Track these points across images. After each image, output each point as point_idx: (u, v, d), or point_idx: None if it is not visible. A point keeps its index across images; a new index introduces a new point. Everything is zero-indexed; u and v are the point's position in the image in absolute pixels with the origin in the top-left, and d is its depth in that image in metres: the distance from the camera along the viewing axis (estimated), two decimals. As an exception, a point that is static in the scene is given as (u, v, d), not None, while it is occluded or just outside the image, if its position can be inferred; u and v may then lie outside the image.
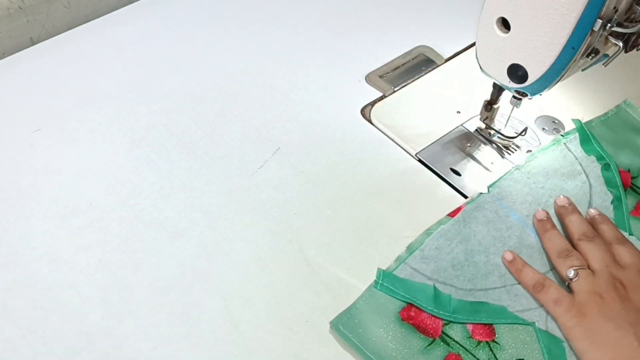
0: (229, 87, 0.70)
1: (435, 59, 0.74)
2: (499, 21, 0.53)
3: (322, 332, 0.51)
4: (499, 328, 0.51)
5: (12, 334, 0.50)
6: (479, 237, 0.56)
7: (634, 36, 0.50)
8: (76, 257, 0.55)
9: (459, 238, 0.56)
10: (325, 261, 0.56)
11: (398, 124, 0.67)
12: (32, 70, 0.71)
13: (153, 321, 0.52)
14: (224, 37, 0.76)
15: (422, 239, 0.56)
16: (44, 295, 0.53)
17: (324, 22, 0.79)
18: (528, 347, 0.50)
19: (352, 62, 0.73)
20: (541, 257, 0.55)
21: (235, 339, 0.51)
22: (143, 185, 0.61)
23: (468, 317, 0.52)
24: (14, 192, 0.60)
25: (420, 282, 0.53)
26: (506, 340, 0.51)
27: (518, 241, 0.56)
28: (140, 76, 0.71)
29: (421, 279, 0.53)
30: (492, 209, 0.58)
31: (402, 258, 0.54)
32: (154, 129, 0.66)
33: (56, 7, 0.76)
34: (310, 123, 0.67)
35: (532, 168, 0.61)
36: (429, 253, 0.55)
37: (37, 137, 0.65)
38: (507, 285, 0.54)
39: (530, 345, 0.50)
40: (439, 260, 0.55)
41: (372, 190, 0.61)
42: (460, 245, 0.55)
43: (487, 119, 0.65)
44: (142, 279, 0.54)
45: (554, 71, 0.52)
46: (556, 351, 0.50)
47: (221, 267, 0.55)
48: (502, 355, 0.50)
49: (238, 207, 0.59)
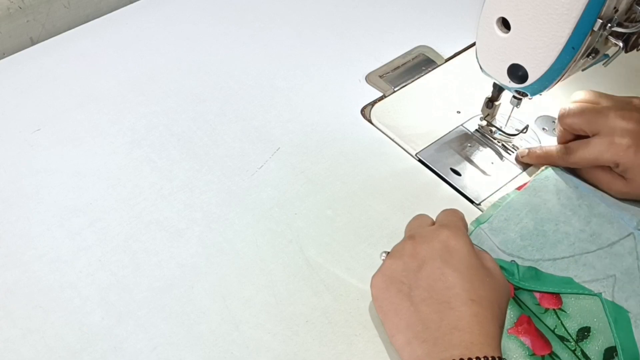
0: (229, 87, 0.70)
1: (435, 59, 0.74)
2: (499, 21, 0.53)
3: (322, 332, 0.51)
4: (566, 297, 0.52)
5: (12, 334, 0.50)
6: (549, 206, 0.56)
7: (634, 36, 0.50)
8: (76, 257, 0.55)
9: (528, 207, 0.57)
10: (325, 261, 0.56)
11: (398, 124, 0.67)
12: (32, 70, 0.71)
13: (153, 321, 0.52)
14: (224, 37, 0.76)
15: (489, 211, 0.57)
16: (44, 295, 0.53)
17: (324, 22, 0.79)
18: (594, 317, 0.51)
19: (352, 62, 0.74)
20: (611, 227, 0.55)
21: (235, 339, 0.51)
22: (143, 185, 0.61)
23: (535, 286, 0.53)
24: (14, 192, 0.60)
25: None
26: (573, 309, 0.52)
27: (588, 210, 0.56)
28: (140, 76, 0.71)
29: (490, 245, 0.54)
30: (563, 179, 0.58)
31: (469, 230, 0.55)
32: (154, 129, 0.66)
33: (56, 7, 0.76)
34: (310, 123, 0.67)
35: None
36: (497, 225, 0.56)
37: (37, 137, 0.65)
38: (576, 255, 0.54)
39: (597, 314, 0.51)
40: (507, 231, 0.55)
41: (372, 190, 0.61)
42: (530, 215, 0.56)
43: (488, 115, 0.65)
44: (142, 279, 0.54)
45: (554, 71, 0.52)
46: (622, 321, 0.50)
47: (221, 267, 0.55)
48: (568, 323, 0.51)
49: (238, 207, 0.59)
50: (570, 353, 0.50)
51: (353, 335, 0.51)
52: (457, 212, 0.54)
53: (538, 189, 0.58)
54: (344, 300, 0.53)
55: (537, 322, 0.51)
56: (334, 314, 0.52)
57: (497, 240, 0.55)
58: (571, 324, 0.51)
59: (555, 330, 0.51)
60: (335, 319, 0.52)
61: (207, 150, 0.64)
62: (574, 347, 0.50)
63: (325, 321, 0.52)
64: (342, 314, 0.52)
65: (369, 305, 0.53)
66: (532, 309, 0.52)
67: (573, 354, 0.50)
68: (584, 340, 0.50)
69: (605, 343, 0.50)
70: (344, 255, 0.56)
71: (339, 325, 0.52)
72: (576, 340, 0.50)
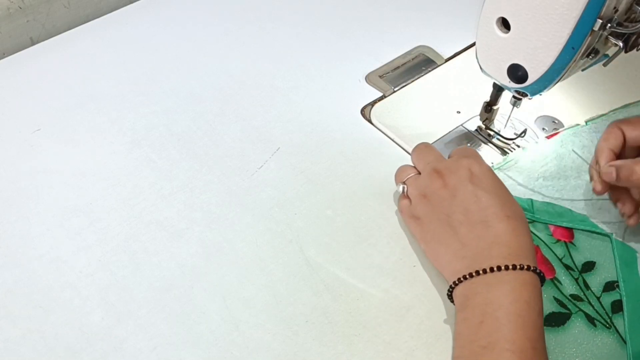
0: (229, 87, 0.70)
1: (435, 59, 0.74)
2: (499, 21, 0.53)
3: (322, 332, 0.51)
4: (578, 233, 0.57)
5: (12, 334, 0.50)
6: (573, 157, 0.62)
7: (634, 36, 0.50)
8: (76, 257, 0.55)
9: (554, 155, 0.62)
10: (325, 261, 0.56)
11: (398, 124, 0.67)
12: (32, 70, 0.71)
13: (153, 321, 0.52)
14: (223, 37, 0.76)
15: (518, 153, 0.62)
16: (44, 295, 0.53)
17: (324, 22, 0.79)
18: (602, 254, 0.56)
19: (352, 62, 0.73)
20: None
21: (235, 339, 0.51)
22: (143, 185, 0.61)
23: (550, 219, 0.57)
24: (14, 192, 0.60)
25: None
26: (582, 244, 0.56)
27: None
28: (140, 76, 0.71)
29: (510, 184, 0.59)
30: (588, 138, 0.64)
31: (496, 165, 0.61)
32: (154, 129, 0.66)
33: (56, 7, 0.76)
34: (310, 123, 0.67)
35: (631, 113, 0.66)
36: (523, 165, 0.61)
37: (37, 137, 0.65)
38: (593, 199, 0.59)
39: (604, 252, 0.56)
40: (532, 171, 0.61)
41: (372, 190, 0.61)
42: (555, 161, 0.62)
43: (486, 120, 0.65)
44: (142, 279, 0.54)
45: (554, 71, 0.52)
46: (628, 258, 0.54)
47: (221, 267, 0.55)
48: (576, 256, 0.55)
49: (238, 207, 0.59)
50: (573, 280, 0.54)
51: (353, 335, 0.51)
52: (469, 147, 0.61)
53: (565, 141, 0.64)
54: (344, 300, 0.53)
55: (545, 251, 0.55)
56: (334, 314, 0.52)
57: (521, 178, 0.59)
58: (578, 256, 0.55)
59: (562, 259, 0.55)
60: (335, 319, 0.52)
61: (207, 150, 0.64)
62: (577, 275, 0.54)
63: (325, 321, 0.52)
64: (342, 314, 0.52)
65: (369, 305, 0.53)
66: (544, 239, 0.56)
67: (575, 281, 0.54)
68: (587, 272, 0.54)
69: (607, 277, 0.54)
70: (344, 255, 0.56)
71: (339, 325, 0.52)
72: (580, 271, 0.54)
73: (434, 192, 0.53)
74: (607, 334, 0.51)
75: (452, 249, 0.51)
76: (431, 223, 0.53)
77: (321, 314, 0.52)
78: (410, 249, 0.56)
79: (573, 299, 0.53)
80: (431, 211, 0.53)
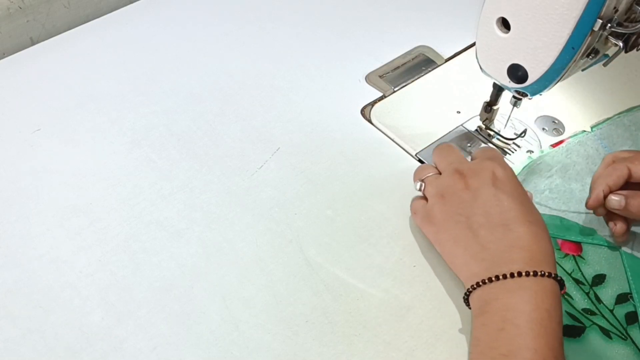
0: (229, 87, 0.70)
1: (435, 59, 0.74)
2: (499, 21, 0.53)
3: (322, 332, 0.51)
4: (586, 246, 0.56)
5: (12, 334, 0.50)
6: (577, 168, 0.61)
7: (634, 36, 0.50)
8: (76, 257, 0.55)
9: (559, 165, 0.62)
10: (325, 261, 0.56)
11: (398, 124, 0.67)
12: (32, 70, 0.71)
13: (153, 321, 0.52)
14: (223, 37, 0.76)
15: (524, 162, 0.62)
16: (44, 295, 0.53)
17: (324, 22, 0.79)
18: (611, 266, 0.55)
19: (352, 62, 0.73)
20: None
21: (235, 339, 0.51)
22: (143, 185, 0.61)
23: (558, 233, 0.57)
24: (14, 192, 0.60)
25: None
26: (591, 257, 0.55)
27: None
28: (140, 76, 0.71)
29: None
30: (593, 146, 0.64)
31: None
32: (154, 129, 0.66)
33: (56, 7, 0.76)
34: (310, 123, 0.67)
35: (637, 118, 0.66)
36: (529, 176, 0.61)
37: (37, 137, 0.65)
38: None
39: (614, 264, 0.55)
40: (538, 183, 0.60)
41: (372, 190, 0.61)
42: (560, 172, 0.61)
43: (486, 120, 0.65)
44: (142, 279, 0.54)
45: (554, 71, 0.52)
46: (639, 270, 0.53)
47: (221, 267, 0.55)
48: (585, 269, 0.55)
49: (238, 207, 0.59)
50: (584, 295, 0.53)
51: (353, 335, 0.51)
52: (493, 148, 0.58)
53: (570, 150, 0.63)
54: (343, 300, 0.53)
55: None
56: (334, 314, 0.52)
57: (527, 188, 0.57)
58: (588, 269, 0.54)
59: (572, 274, 0.54)
60: (335, 319, 0.52)
61: (207, 150, 0.64)
62: (588, 290, 0.53)
63: (325, 321, 0.52)
64: (342, 314, 0.52)
65: (369, 305, 0.53)
66: None
67: (586, 295, 0.53)
68: (598, 286, 0.54)
69: (619, 289, 0.53)
70: (344, 255, 0.56)
71: (339, 325, 0.52)
72: (591, 284, 0.53)
73: (455, 193, 0.52)
74: (624, 345, 0.50)
75: (470, 251, 0.50)
76: (448, 224, 0.52)
77: (321, 314, 0.52)
78: (410, 249, 0.56)
79: (586, 312, 0.52)
80: (449, 212, 0.52)
